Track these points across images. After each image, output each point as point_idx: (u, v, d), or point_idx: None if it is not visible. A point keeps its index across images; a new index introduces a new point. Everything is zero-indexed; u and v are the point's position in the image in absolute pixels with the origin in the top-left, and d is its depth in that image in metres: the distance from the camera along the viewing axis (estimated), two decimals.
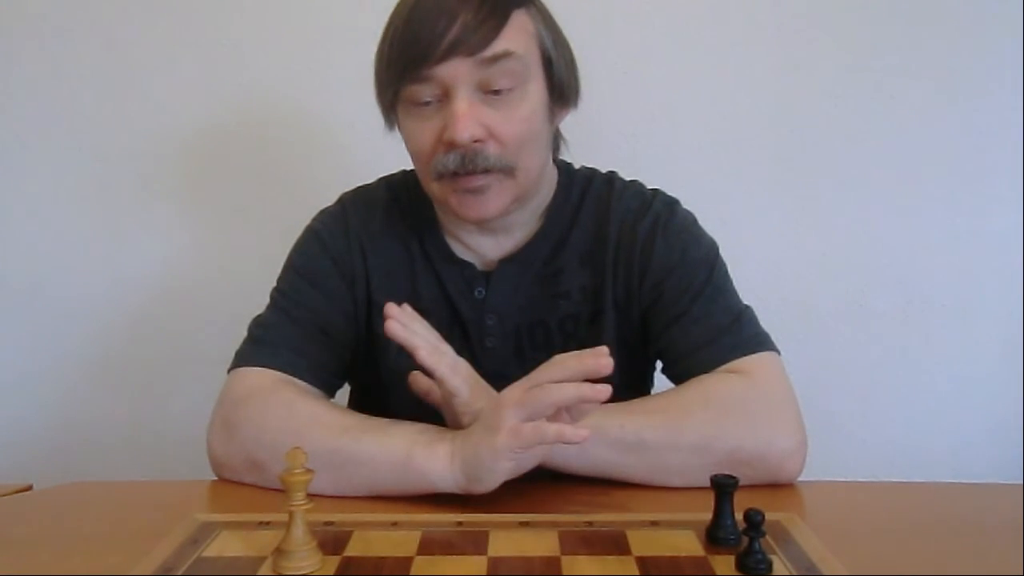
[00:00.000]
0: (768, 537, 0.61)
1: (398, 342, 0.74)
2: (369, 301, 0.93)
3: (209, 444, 0.82)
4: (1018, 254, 1.44)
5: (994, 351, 1.48)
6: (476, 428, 0.71)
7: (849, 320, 1.48)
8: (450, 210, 0.86)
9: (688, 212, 0.94)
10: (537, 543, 0.62)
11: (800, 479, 0.78)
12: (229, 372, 0.87)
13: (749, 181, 1.45)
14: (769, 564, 0.57)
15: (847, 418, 1.49)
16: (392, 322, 0.74)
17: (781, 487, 0.77)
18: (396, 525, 0.66)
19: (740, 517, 0.59)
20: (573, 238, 0.92)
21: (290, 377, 0.85)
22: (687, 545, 0.62)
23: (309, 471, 0.58)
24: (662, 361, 0.92)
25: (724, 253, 0.92)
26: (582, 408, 0.69)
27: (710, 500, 0.63)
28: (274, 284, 0.94)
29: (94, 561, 0.62)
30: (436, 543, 0.63)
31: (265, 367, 0.85)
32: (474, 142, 0.79)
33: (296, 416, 0.78)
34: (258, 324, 0.91)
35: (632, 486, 0.76)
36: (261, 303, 0.93)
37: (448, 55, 0.77)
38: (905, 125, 1.42)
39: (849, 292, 1.47)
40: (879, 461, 1.49)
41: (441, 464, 0.70)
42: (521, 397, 0.67)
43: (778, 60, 1.42)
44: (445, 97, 0.80)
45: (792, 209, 1.46)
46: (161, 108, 1.44)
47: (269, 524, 0.66)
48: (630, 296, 0.90)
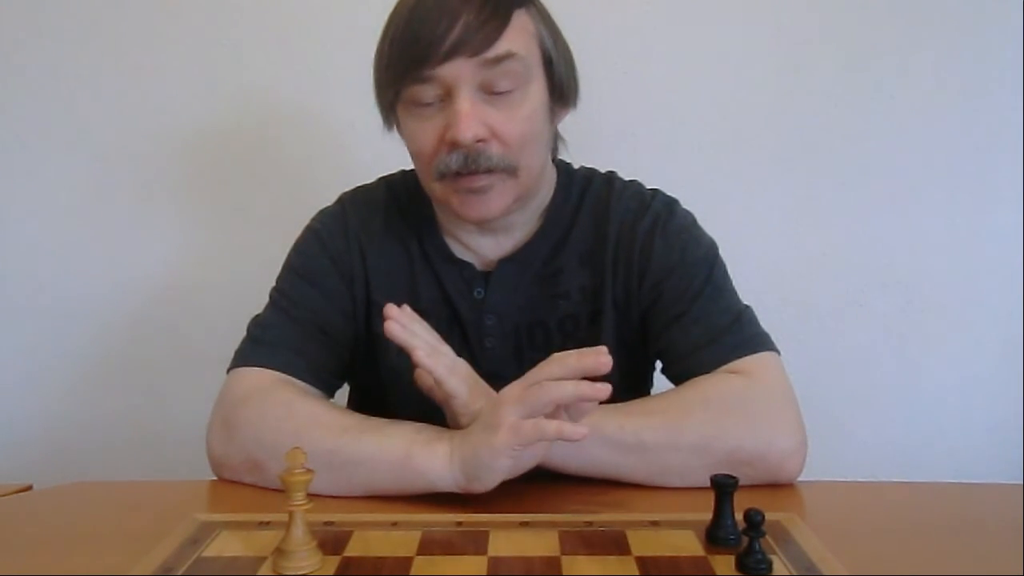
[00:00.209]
0: (768, 537, 0.61)
1: (397, 343, 0.74)
2: (368, 301, 0.93)
3: (209, 444, 0.82)
4: (1018, 254, 1.44)
5: (994, 351, 1.48)
6: (475, 427, 0.71)
7: (849, 320, 1.48)
8: (451, 210, 0.86)
9: (687, 212, 0.94)
10: (537, 543, 0.62)
11: (800, 479, 0.78)
12: (228, 372, 0.87)
13: (749, 181, 1.45)
14: (769, 564, 0.57)
15: (847, 418, 1.49)
16: (391, 323, 0.74)
17: (781, 487, 0.77)
18: (396, 525, 0.66)
19: (740, 517, 0.59)
20: (572, 238, 0.92)
21: (289, 377, 0.85)
22: (687, 545, 0.62)
23: (309, 471, 0.58)
24: (662, 361, 0.92)
25: (724, 253, 0.92)
26: (581, 408, 0.69)
27: (710, 500, 0.63)
28: (274, 284, 0.94)
29: (94, 561, 0.62)
30: (436, 543, 0.63)
31: (264, 367, 0.85)
32: (477, 142, 0.79)
33: (295, 416, 0.78)
34: (257, 324, 0.90)
35: (632, 486, 0.76)
36: (261, 303, 0.93)
37: (450, 56, 0.77)
38: (905, 125, 1.42)
39: (849, 292, 1.47)
40: (879, 461, 1.49)
41: (440, 463, 0.70)
42: (520, 394, 0.67)
43: (778, 60, 1.42)
44: (447, 97, 0.80)
45: (792, 209, 1.46)
46: (161, 108, 1.44)
47: (269, 524, 0.66)
48: (629, 296, 0.90)
